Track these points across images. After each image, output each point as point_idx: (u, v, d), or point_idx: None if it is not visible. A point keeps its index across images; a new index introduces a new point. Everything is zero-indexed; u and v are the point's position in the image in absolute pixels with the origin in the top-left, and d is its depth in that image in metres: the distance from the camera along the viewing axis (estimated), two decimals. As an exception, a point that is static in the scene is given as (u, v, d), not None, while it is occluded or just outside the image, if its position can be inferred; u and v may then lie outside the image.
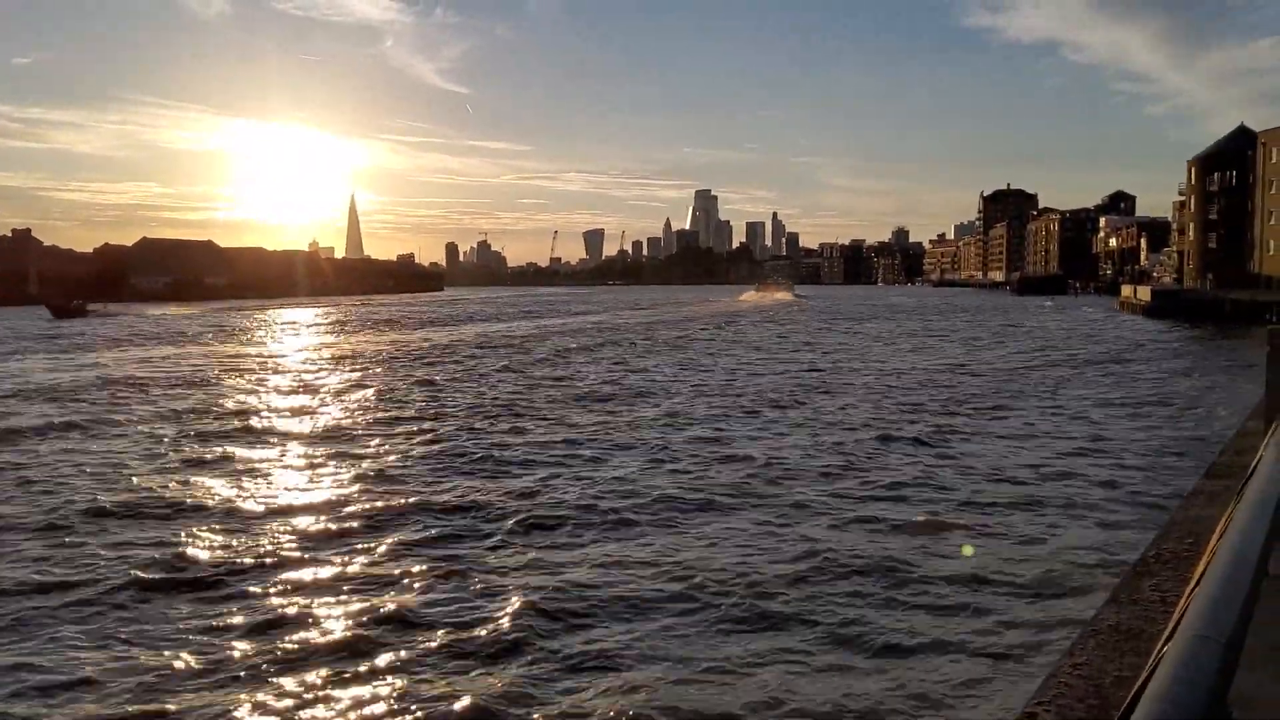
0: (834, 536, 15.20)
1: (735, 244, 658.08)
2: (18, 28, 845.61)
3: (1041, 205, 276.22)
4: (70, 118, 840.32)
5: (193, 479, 20.17)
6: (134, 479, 20.26)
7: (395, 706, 9.38)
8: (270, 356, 56.33)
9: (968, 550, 14.27)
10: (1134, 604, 4.84)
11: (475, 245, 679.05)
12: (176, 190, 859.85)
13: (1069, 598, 12.07)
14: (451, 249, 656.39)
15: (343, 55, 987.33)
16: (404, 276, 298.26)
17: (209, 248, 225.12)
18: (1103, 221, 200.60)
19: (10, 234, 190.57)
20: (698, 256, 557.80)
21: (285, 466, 21.73)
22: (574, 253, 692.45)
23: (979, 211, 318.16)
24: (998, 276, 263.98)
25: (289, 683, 9.98)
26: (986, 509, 16.81)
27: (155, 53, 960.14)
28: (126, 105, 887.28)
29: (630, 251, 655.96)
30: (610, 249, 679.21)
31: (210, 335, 79.06)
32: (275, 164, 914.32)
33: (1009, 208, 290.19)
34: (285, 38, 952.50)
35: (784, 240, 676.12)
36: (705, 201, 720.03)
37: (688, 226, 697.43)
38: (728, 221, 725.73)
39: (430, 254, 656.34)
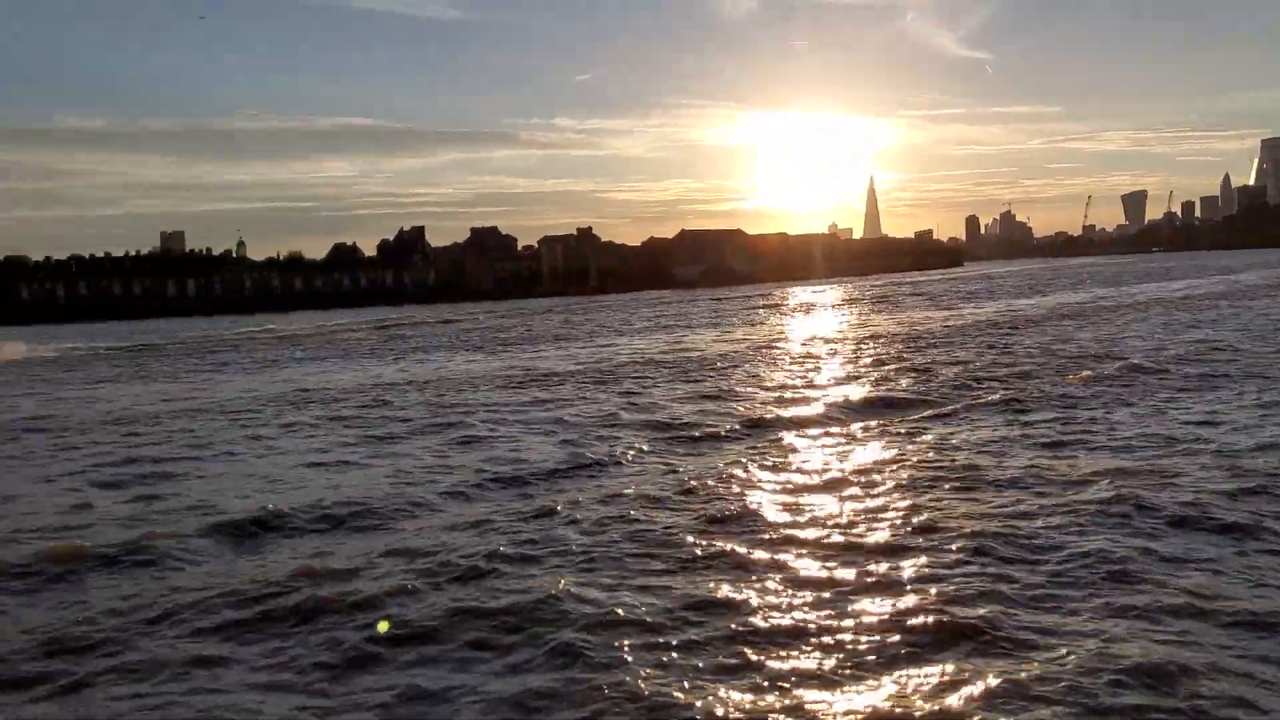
0: None
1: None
2: (577, 49, 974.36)
3: None
4: (621, 125, 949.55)
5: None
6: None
7: None
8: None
9: None
10: None
11: (998, 217, 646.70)
12: (707, 184, 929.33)
13: None
14: (971, 222, 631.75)
15: (863, 36, 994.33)
16: (919, 254, 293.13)
17: (737, 236, 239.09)
18: None
19: (575, 232, 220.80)
20: (1265, 215, 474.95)
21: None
22: (1111, 219, 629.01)
23: None
24: None
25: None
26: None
27: (688, 57, 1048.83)
28: (667, 109, 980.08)
29: (1179, 214, 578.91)
30: (1154, 212, 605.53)
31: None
32: (795, 151, 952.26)
33: None
34: (808, 26, 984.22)
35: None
36: (1275, 151, 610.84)
37: (1252, 181, 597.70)
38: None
39: (949, 229, 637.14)
